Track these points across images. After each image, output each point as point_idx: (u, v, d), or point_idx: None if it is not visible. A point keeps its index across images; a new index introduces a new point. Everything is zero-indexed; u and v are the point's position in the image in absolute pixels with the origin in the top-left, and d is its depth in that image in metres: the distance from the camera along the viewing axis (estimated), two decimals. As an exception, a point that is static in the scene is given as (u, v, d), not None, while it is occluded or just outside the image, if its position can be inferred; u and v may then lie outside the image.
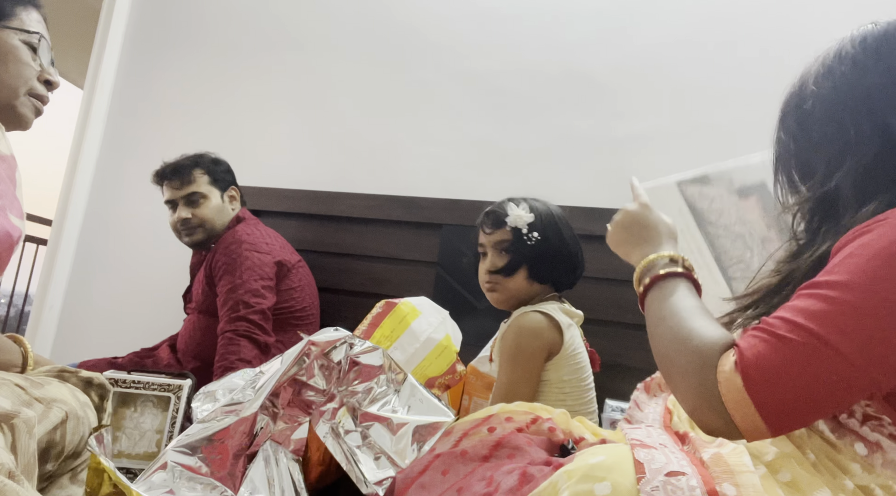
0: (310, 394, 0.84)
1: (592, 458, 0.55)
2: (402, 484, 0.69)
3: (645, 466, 0.52)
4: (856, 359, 0.53)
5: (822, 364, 0.54)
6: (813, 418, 0.56)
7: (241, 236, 1.61)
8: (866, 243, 0.57)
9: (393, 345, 1.27)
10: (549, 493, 0.54)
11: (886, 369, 0.54)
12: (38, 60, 0.93)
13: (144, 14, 2.38)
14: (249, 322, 1.50)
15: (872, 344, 0.53)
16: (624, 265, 1.56)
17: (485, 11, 1.88)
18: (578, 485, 0.52)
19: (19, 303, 4.47)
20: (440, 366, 1.30)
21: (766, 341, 0.56)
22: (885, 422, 0.58)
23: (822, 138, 0.70)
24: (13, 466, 0.58)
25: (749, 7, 1.61)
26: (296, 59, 2.10)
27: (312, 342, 0.86)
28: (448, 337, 1.33)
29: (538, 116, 1.77)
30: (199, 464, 0.74)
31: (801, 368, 0.54)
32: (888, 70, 0.67)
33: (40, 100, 0.95)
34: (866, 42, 0.69)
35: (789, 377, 0.54)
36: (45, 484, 0.80)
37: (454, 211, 1.75)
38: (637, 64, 1.70)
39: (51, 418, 0.75)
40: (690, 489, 0.50)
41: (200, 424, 0.78)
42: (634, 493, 0.50)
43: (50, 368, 0.89)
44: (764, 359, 0.55)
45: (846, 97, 0.68)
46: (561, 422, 0.76)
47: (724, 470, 0.53)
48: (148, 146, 2.25)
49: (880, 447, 0.58)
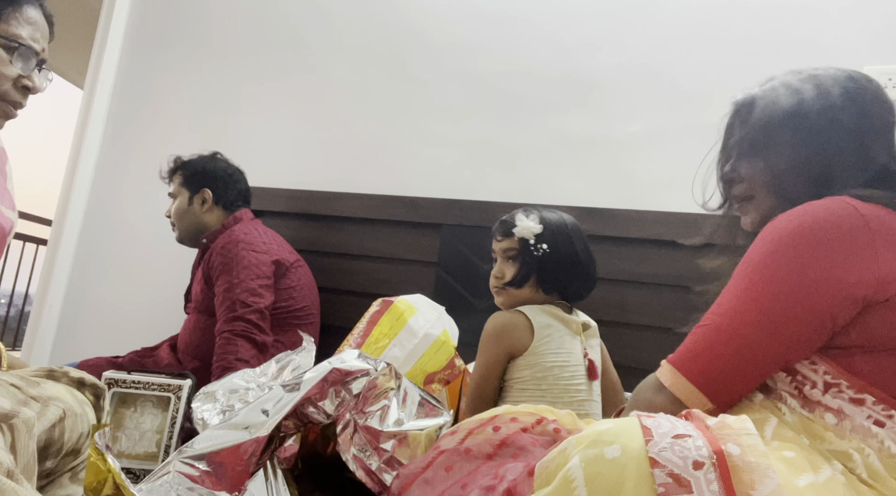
0: (312, 410, 0.83)
1: (601, 426, 0.57)
2: (406, 479, 0.70)
3: (652, 431, 0.54)
4: (742, 327, 0.71)
5: (725, 337, 0.72)
6: (741, 382, 0.72)
7: (237, 236, 1.61)
8: (755, 244, 0.76)
9: (392, 343, 1.27)
10: (559, 460, 0.55)
11: (783, 341, 0.70)
12: (17, 66, 0.94)
13: (144, 14, 2.38)
14: (247, 321, 1.50)
15: (754, 314, 0.71)
16: (624, 265, 1.56)
17: (485, 12, 1.88)
18: (588, 449, 0.54)
19: (19, 303, 4.47)
20: (439, 361, 1.30)
21: (690, 334, 0.76)
22: (843, 385, 0.67)
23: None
24: (13, 466, 0.58)
25: (749, 7, 1.61)
26: (296, 59, 2.10)
27: (338, 369, 0.84)
28: (445, 332, 1.33)
29: (538, 116, 1.77)
30: (203, 477, 0.74)
31: (711, 342, 0.73)
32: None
33: (13, 105, 0.96)
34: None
35: (704, 349, 0.73)
36: (45, 482, 0.80)
37: (454, 211, 1.75)
38: (636, 64, 1.70)
39: (48, 416, 0.75)
40: (697, 448, 0.52)
41: (210, 435, 0.77)
42: (644, 455, 0.52)
43: (37, 369, 0.88)
44: (686, 345, 0.76)
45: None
46: (567, 423, 0.76)
47: (728, 433, 0.56)
48: (148, 146, 2.25)
49: (844, 413, 0.66)
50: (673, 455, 0.51)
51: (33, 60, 0.96)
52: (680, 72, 1.65)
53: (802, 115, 0.79)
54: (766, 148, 0.82)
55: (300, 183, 1.98)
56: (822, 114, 0.78)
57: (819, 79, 0.81)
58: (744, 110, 0.87)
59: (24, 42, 0.94)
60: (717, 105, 1.63)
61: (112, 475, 0.66)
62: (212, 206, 1.72)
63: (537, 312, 1.17)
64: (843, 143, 0.78)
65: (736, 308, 0.72)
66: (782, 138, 0.81)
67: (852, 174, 0.76)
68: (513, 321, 1.16)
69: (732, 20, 1.62)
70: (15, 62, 0.93)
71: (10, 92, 0.94)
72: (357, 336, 1.33)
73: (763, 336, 0.70)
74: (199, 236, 1.73)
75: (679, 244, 1.51)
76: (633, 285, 1.56)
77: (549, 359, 1.14)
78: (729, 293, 0.75)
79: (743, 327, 0.71)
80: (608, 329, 1.41)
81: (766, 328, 0.70)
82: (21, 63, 0.94)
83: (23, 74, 0.94)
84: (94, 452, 0.67)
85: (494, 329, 1.16)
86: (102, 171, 2.31)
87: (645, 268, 1.54)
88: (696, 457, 0.51)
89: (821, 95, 0.79)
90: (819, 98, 0.79)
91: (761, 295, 0.71)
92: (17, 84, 0.94)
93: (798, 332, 0.69)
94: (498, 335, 1.16)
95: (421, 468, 0.70)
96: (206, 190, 1.71)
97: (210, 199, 1.71)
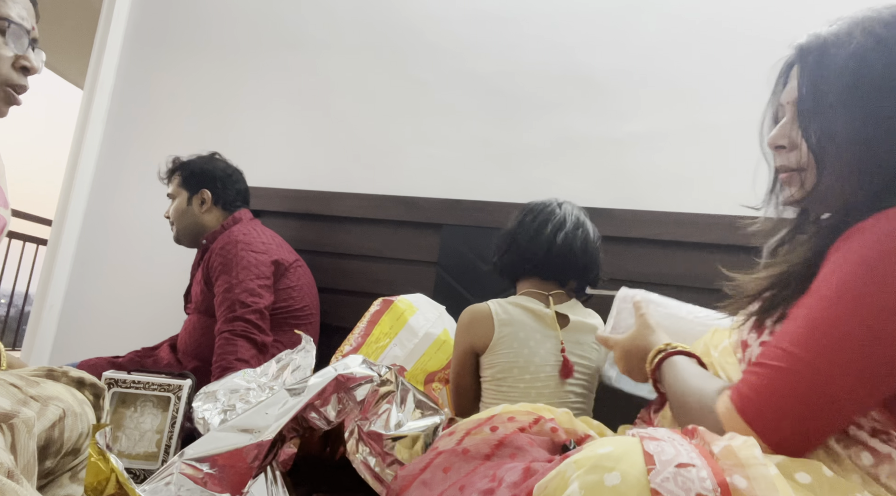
0: (313, 415, 0.83)
1: (601, 449, 0.54)
2: (404, 481, 0.69)
3: (655, 458, 0.52)
4: (836, 376, 0.58)
5: (806, 383, 0.60)
6: (814, 435, 0.61)
7: (236, 236, 1.61)
8: (842, 257, 0.62)
9: (392, 342, 1.27)
10: (557, 483, 0.54)
11: (867, 381, 0.58)
12: (11, 46, 0.90)
13: (144, 14, 2.38)
14: (246, 321, 1.50)
15: (850, 360, 0.58)
16: (624, 265, 1.56)
17: (485, 12, 1.88)
18: (588, 475, 0.52)
19: (19, 303, 4.47)
20: (440, 360, 1.31)
21: (756, 374, 0.63)
22: (893, 436, 0.61)
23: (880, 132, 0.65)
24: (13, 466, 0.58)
25: (749, 7, 1.61)
26: (296, 59, 2.10)
27: (342, 376, 0.84)
28: (446, 331, 1.33)
29: (538, 116, 1.77)
30: (206, 479, 0.74)
31: (789, 389, 0.60)
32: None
33: (14, 89, 0.92)
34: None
35: (778, 398, 0.60)
36: (45, 481, 0.79)
37: (454, 211, 1.75)
38: (637, 64, 1.70)
39: (48, 416, 0.75)
40: (700, 480, 0.50)
41: (213, 437, 0.77)
42: (644, 484, 0.50)
43: (37, 369, 0.88)
44: (754, 388, 0.63)
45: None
46: (564, 423, 0.76)
47: (734, 462, 0.53)
48: (148, 146, 2.25)
49: (891, 459, 0.60)
50: (675, 486, 0.49)
51: (25, 39, 0.93)
52: (680, 72, 1.65)
53: (887, 73, 0.63)
54: (832, 111, 0.66)
55: (300, 183, 1.98)
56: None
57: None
58: (811, 59, 0.69)
59: (14, 20, 0.91)
60: (717, 105, 1.64)
61: (115, 474, 0.66)
62: (211, 206, 1.72)
63: (504, 305, 1.16)
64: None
65: (820, 345, 0.59)
66: (856, 101, 0.65)
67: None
68: (477, 315, 1.16)
69: (733, 20, 1.62)
70: (8, 42, 0.90)
71: (10, 75, 0.91)
72: (358, 335, 1.34)
73: (854, 384, 0.58)
74: (198, 237, 1.73)
75: (679, 244, 1.51)
76: (633, 285, 1.55)
77: (509, 358, 1.12)
78: (806, 321, 0.61)
79: (830, 372, 0.58)
80: (608, 329, 1.41)
81: (861, 375, 0.58)
82: (14, 42, 0.91)
83: (19, 54, 0.92)
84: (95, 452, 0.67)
85: (462, 321, 1.18)
86: (102, 171, 2.31)
87: (645, 268, 1.54)
88: (700, 490, 0.49)
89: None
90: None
91: (854, 331, 0.58)
92: (16, 65, 0.92)
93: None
94: (465, 328, 1.17)
95: (419, 469, 0.70)
96: (204, 190, 1.71)
97: (209, 200, 1.71)
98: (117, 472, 0.66)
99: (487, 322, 1.14)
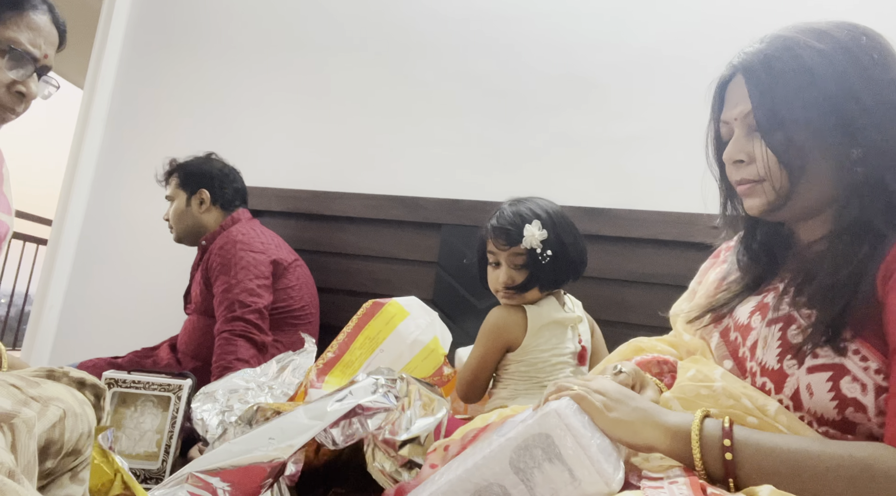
0: (320, 433, 0.83)
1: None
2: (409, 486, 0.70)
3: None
4: None
5: None
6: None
7: (235, 236, 1.62)
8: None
9: (378, 348, 1.26)
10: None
11: None
12: (8, 71, 0.92)
13: (144, 14, 2.38)
14: (246, 321, 1.50)
15: None
16: (624, 265, 1.56)
17: (485, 12, 1.88)
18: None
19: (19, 303, 4.47)
20: (426, 368, 1.29)
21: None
22: None
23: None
24: (13, 466, 0.58)
25: (748, 7, 1.61)
26: (296, 59, 2.10)
27: (360, 407, 0.83)
28: (436, 339, 1.31)
29: (538, 116, 1.77)
30: (216, 489, 0.74)
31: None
32: None
33: (5, 110, 0.94)
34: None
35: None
36: (46, 482, 0.79)
37: (454, 211, 1.75)
38: (636, 64, 1.70)
39: (49, 416, 0.75)
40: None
41: (227, 450, 0.77)
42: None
43: (37, 369, 0.88)
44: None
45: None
46: None
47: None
48: (148, 146, 2.25)
49: None
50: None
51: (29, 66, 0.94)
52: (680, 71, 1.65)
53: (833, 75, 0.66)
54: (786, 119, 0.67)
55: (300, 183, 1.98)
56: (856, 72, 0.65)
57: (832, 34, 0.70)
58: (755, 75, 0.71)
59: (19, 47, 0.92)
60: (716, 105, 1.64)
61: (121, 474, 0.66)
62: (209, 206, 1.72)
63: (537, 313, 1.20)
64: (883, 109, 0.65)
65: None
66: (807, 105, 0.66)
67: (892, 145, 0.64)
68: (514, 319, 1.20)
69: (733, 20, 1.62)
70: (7, 66, 0.92)
71: (3, 97, 0.93)
72: (343, 340, 1.31)
73: None
74: (198, 237, 1.73)
75: (678, 244, 1.51)
76: (633, 285, 1.56)
77: (539, 357, 1.19)
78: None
79: None
80: (608, 329, 1.41)
81: None
82: (13, 67, 0.92)
83: (17, 80, 0.93)
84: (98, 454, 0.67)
85: (496, 324, 1.21)
86: (102, 171, 2.31)
87: (645, 268, 1.54)
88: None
89: (844, 50, 0.67)
90: (844, 53, 0.66)
91: None
92: (11, 89, 0.93)
93: None
94: (499, 330, 1.20)
95: (414, 485, 0.70)
96: (203, 190, 1.72)
97: (208, 200, 1.72)
98: (123, 473, 0.66)
99: (522, 325, 1.20)
